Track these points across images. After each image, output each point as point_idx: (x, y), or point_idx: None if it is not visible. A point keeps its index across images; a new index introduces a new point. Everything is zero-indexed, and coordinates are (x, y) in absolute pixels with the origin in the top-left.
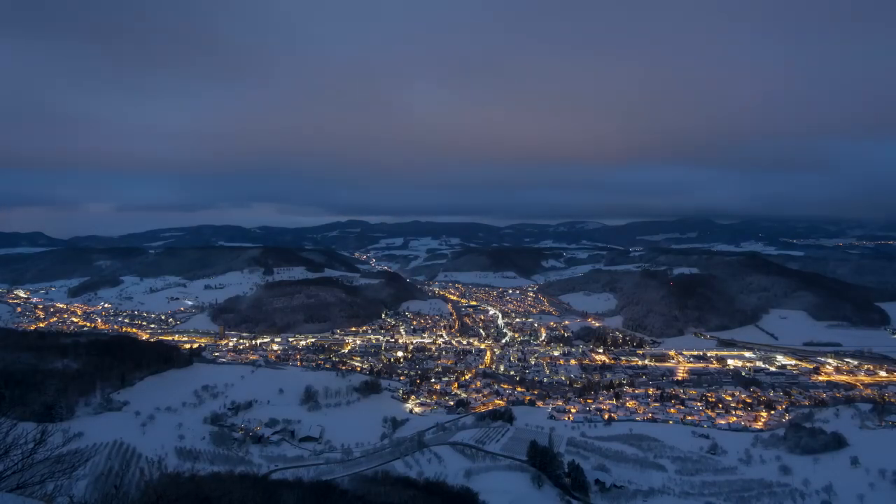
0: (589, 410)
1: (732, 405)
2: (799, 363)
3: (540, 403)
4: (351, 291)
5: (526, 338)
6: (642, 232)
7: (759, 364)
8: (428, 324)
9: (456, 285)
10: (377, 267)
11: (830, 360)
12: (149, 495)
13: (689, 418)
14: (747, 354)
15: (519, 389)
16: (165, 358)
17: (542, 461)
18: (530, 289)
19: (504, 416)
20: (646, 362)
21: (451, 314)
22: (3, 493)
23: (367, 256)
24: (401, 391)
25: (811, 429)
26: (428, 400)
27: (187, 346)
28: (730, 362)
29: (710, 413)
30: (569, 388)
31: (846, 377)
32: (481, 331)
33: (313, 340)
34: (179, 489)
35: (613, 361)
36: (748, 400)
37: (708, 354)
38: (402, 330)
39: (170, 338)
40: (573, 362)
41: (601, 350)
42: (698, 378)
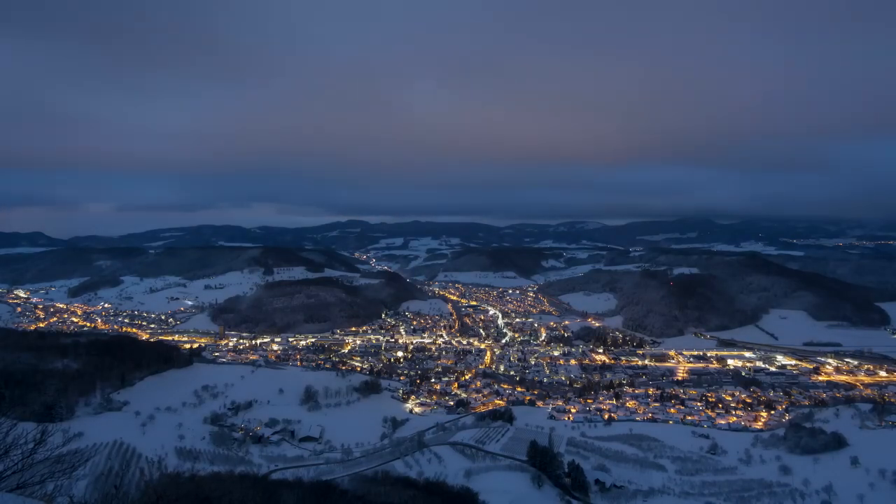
0: (589, 410)
1: (732, 405)
2: (799, 363)
3: (540, 403)
4: (351, 291)
5: (526, 338)
6: (642, 232)
7: (759, 364)
8: (428, 324)
9: (456, 285)
10: (377, 267)
11: (830, 360)
12: (149, 495)
13: (689, 418)
14: (747, 354)
15: (519, 389)
16: (165, 358)
17: (542, 461)
18: (530, 289)
19: (504, 416)
20: (646, 362)
21: (451, 314)
22: (3, 493)
23: (367, 256)
24: (401, 391)
25: (811, 429)
26: (428, 400)
27: (187, 346)
28: (730, 362)
29: (710, 413)
30: (569, 388)
31: (846, 377)
32: (481, 331)
33: (313, 340)
34: (179, 489)
35: (613, 361)
36: (748, 400)
37: (708, 354)
38: (402, 330)
39: (170, 338)
40: (573, 362)
41: (601, 350)
42: (698, 378)
